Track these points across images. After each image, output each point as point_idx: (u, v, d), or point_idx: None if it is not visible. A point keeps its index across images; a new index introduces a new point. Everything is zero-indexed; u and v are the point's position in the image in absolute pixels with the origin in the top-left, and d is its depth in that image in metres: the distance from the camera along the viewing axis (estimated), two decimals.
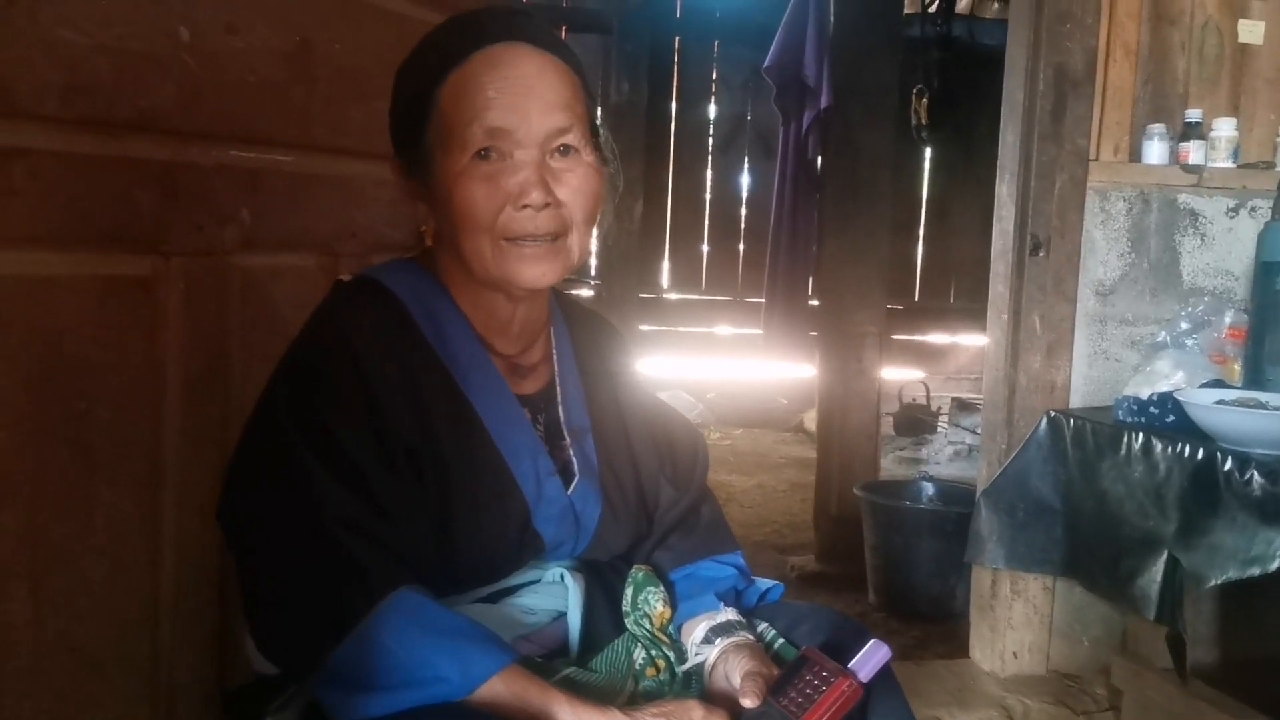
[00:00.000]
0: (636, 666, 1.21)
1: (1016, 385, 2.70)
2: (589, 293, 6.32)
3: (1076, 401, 2.70)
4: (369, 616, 1.03)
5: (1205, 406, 2.14)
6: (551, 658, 1.20)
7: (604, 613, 1.24)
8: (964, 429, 5.74)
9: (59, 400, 1.35)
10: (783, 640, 1.27)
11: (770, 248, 5.13)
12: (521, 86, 1.14)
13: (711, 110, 6.79)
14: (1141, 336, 2.71)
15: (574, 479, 1.25)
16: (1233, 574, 1.98)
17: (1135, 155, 2.70)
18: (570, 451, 1.26)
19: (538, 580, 1.24)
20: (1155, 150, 2.64)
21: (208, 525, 1.26)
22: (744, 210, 6.85)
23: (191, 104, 1.49)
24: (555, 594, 1.24)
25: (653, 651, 1.22)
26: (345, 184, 1.78)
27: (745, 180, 6.84)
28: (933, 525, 3.28)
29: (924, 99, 5.96)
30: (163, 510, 1.50)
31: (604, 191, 1.22)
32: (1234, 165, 2.67)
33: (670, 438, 1.39)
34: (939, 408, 6.05)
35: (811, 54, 4.49)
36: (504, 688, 1.04)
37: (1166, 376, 2.39)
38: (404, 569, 1.08)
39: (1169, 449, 2.17)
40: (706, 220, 6.85)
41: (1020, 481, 2.55)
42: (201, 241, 1.52)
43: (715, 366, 6.82)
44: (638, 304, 6.59)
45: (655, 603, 1.24)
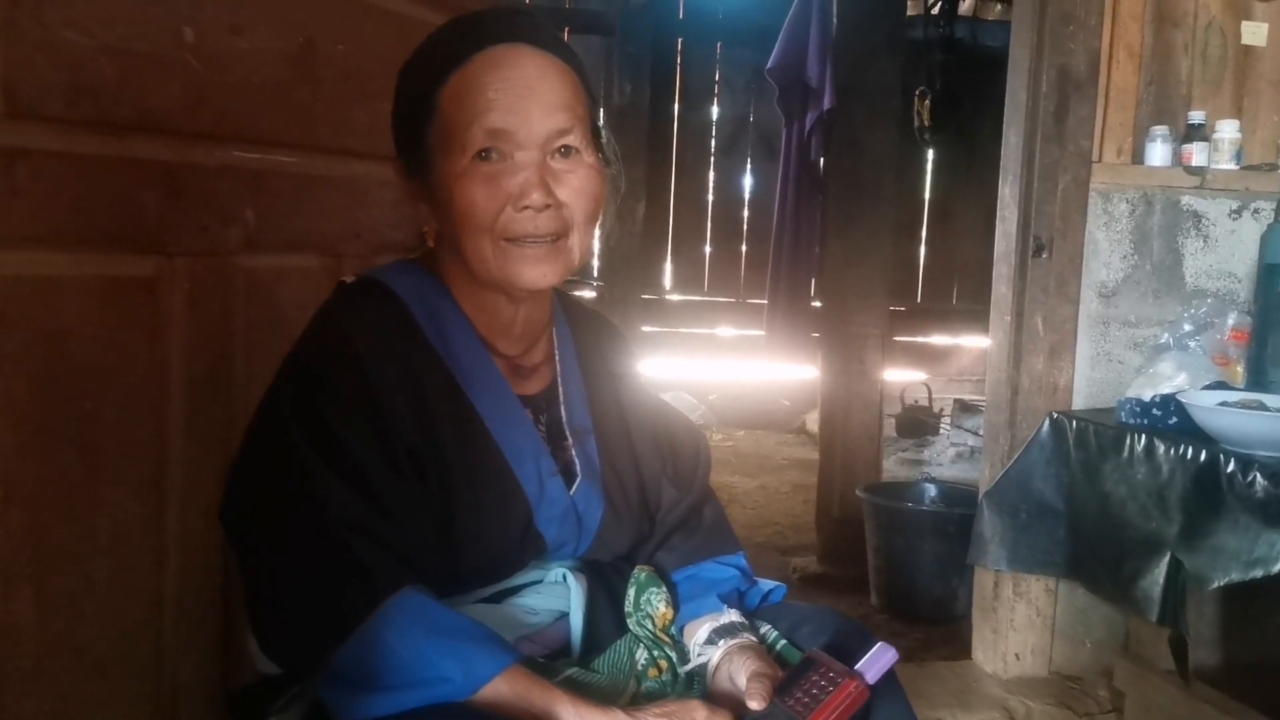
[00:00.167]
0: (639, 667, 1.21)
1: (1019, 387, 2.70)
2: (591, 294, 6.33)
3: (1079, 403, 2.70)
4: (372, 617, 1.03)
5: (1208, 408, 2.14)
6: (554, 658, 1.20)
7: (606, 613, 1.24)
8: (966, 430, 5.74)
9: (63, 401, 1.36)
10: (785, 642, 1.27)
11: (773, 249, 5.14)
12: (522, 87, 1.14)
13: (714, 111, 6.80)
14: (1144, 338, 2.71)
15: (576, 479, 1.25)
16: (1235, 576, 1.97)
17: (1138, 157, 2.69)
18: (572, 452, 1.26)
19: (540, 580, 1.24)
20: (1158, 152, 2.64)
21: (211, 525, 1.26)
22: (746, 211, 6.86)
23: (195, 105, 1.49)
24: (557, 594, 1.24)
25: (655, 652, 1.22)
26: (349, 185, 1.78)
27: (748, 181, 6.85)
28: (935, 527, 3.28)
29: (927, 100, 5.96)
30: (166, 510, 1.50)
31: (605, 192, 1.22)
32: (1237, 167, 2.67)
33: (672, 438, 1.40)
34: (941, 409, 6.05)
35: (814, 55, 4.49)
36: (507, 688, 1.04)
37: (1169, 378, 2.39)
38: (407, 569, 1.08)
39: (1172, 451, 2.16)
40: (709, 221, 6.85)
41: (1023, 483, 2.55)
42: (205, 242, 1.53)
43: (717, 368, 6.82)
44: (640, 305, 6.59)
45: (658, 603, 1.24)
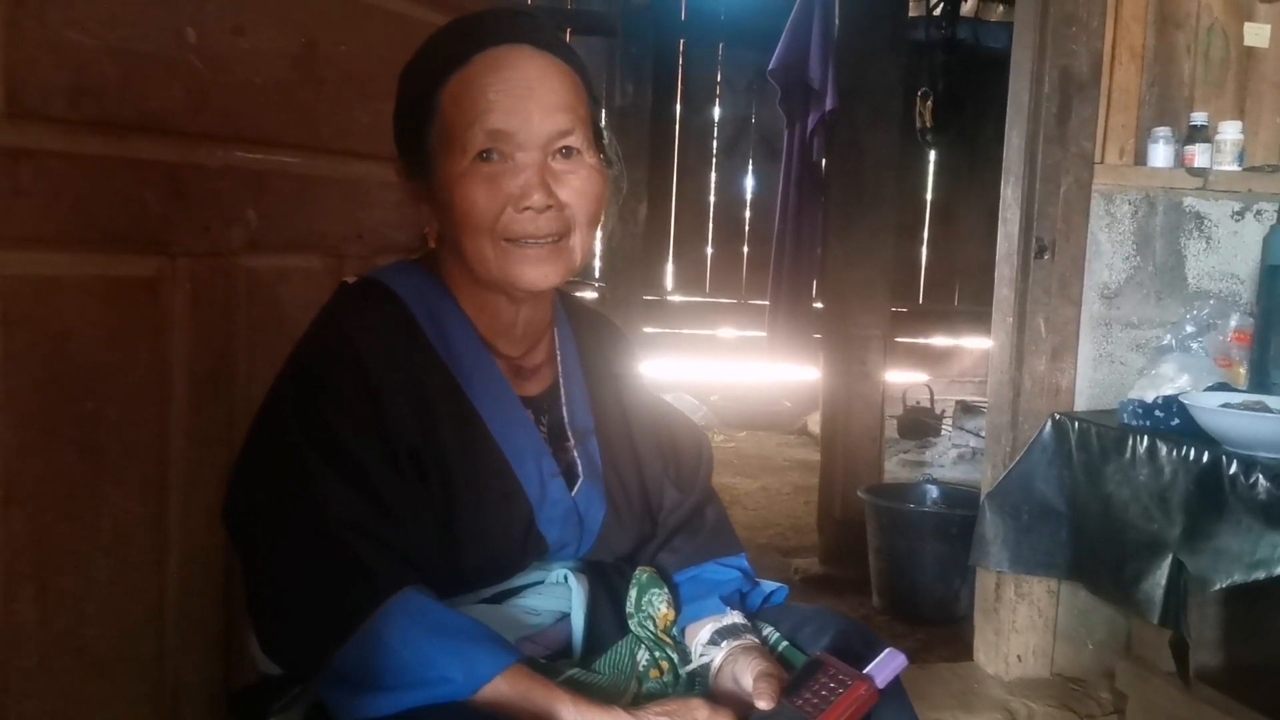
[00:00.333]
0: (640, 668, 1.21)
1: (1021, 388, 2.69)
2: (593, 294, 6.33)
3: (1081, 404, 2.70)
4: (373, 616, 1.03)
5: (1210, 410, 2.14)
6: (555, 659, 1.20)
7: (608, 614, 1.24)
8: (968, 432, 5.74)
9: (65, 401, 1.36)
10: (787, 643, 1.27)
11: (774, 250, 5.13)
12: (523, 89, 1.14)
13: (716, 112, 6.80)
14: (1146, 340, 2.71)
15: (578, 480, 1.25)
16: (1237, 578, 1.97)
17: (1140, 158, 2.69)
18: (574, 453, 1.26)
19: (541, 581, 1.24)
20: (1160, 153, 2.64)
21: (213, 526, 1.26)
22: (748, 212, 6.86)
23: (198, 105, 1.50)
24: (559, 595, 1.24)
25: (656, 653, 1.22)
26: (351, 185, 1.79)
27: (749, 182, 6.85)
28: (937, 528, 3.27)
29: (929, 101, 5.96)
30: (169, 511, 1.51)
31: (607, 193, 1.21)
32: (1239, 168, 2.66)
33: (674, 439, 1.39)
34: (943, 410, 6.05)
35: (816, 56, 4.49)
36: (508, 687, 1.04)
37: (1171, 380, 2.39)
38: (408, 569, 1.09)
39: (1174, 452, 2.16)
40: (711, 222, 6.85)
41: (1025, 485, 2.54)
42: (208, 242, 1.53)
43: (719, 369, 6.82)
44: (642, 306, 6.59)
45: (659, 604, 1.24)
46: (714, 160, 6.82)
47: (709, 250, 6.86)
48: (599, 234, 1.24)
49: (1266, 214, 2.72)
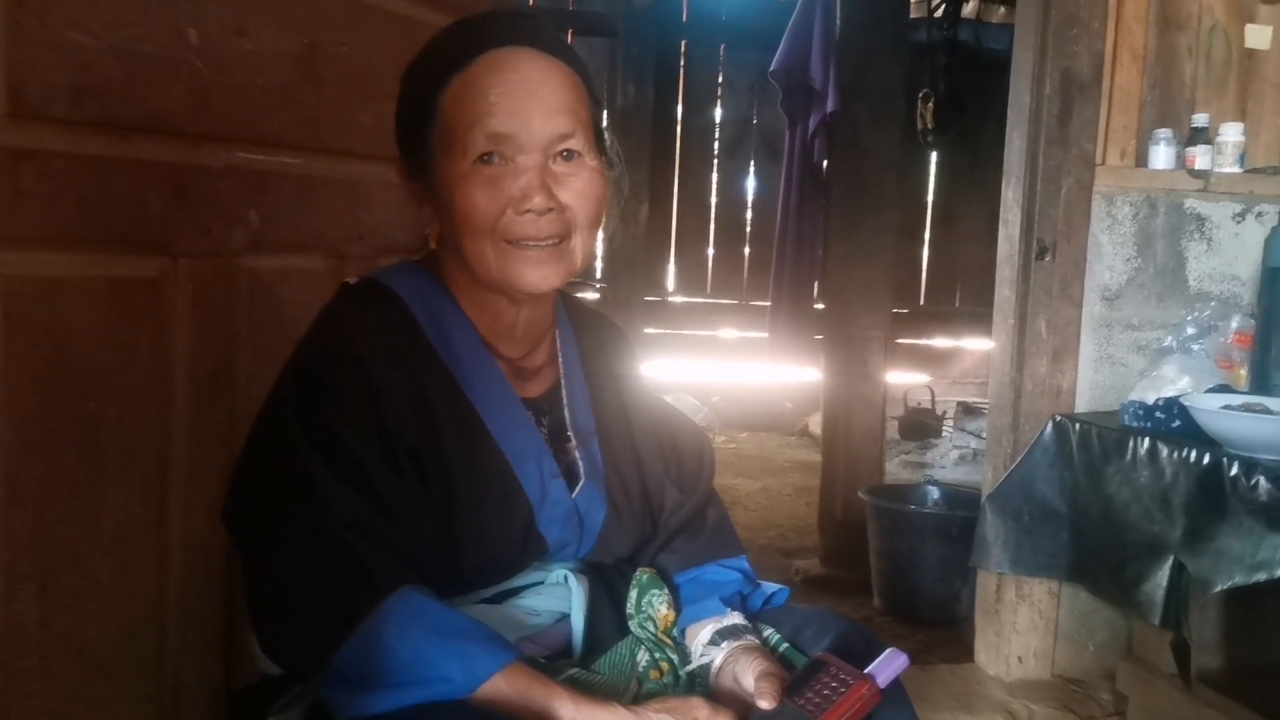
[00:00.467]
0: (640, 669, 1.21)
1: (1022, 389, 2.70)
2: (594, 295, 6.33)
3: (1082, 406, 2.70)
4: (372, 615, 1.04)
5: (1211, 411, 2.14)
6: (555, 659, 1.20)
7: (608, 615, 1.24)
8: (969, 433, 5.74)
9: (67, 401, 1.36)
10: (787, 644, 1.27)
11: (776, 251, 5.13)
12: (524, 91, 1.14)
13: (717, 114, 6.80)
14: (1148, 341, 2.71)
15: (579, 481, 1.25)
16: (1238, 579, 1.97)
17: (1142, 160, 2.69)
18: (575, 454, 1.26)
19: (541, 582, 1.24)
20: (1162, 155, 2.64)
21: (215, 526, 1.26)
22: (749, 214, 6.86)
23: (200, 106, 1.50)
24: (559, 595, 1.24)
25: (656, 654, 1.22)
26: (353, 186, 1.79)
27: (751, 184, 6.85)
28: (938, 529, 3.27)
29: (930, 103, 5.96)
30: (170, 511, 1.51)
31: (608, 195, 1.21)
32: (1241, 170, 2.66)
33: (676, 441, 1.39)
34: (944, 412, 6.05)
35: (817, 58, 4.49)
36: (507, 685, 1.04)
37: (1172, 381, 2.39)
38: (408, 569, 1.09)
39: (1175, 454, 2.16)
40: (712, 223, 6.85)
41: (1025, 486, 2.54)
42: (209, 243, 1.53)
43: (720, 370, 6.82)
44: (643, 307, 6.59)
45: (660, 605, 1.24)
46: (715, 161, 6.82)
47: (710, 251, 6.86)
48: (600, 235, 1.24)
49: (1268, 216, 2.72)
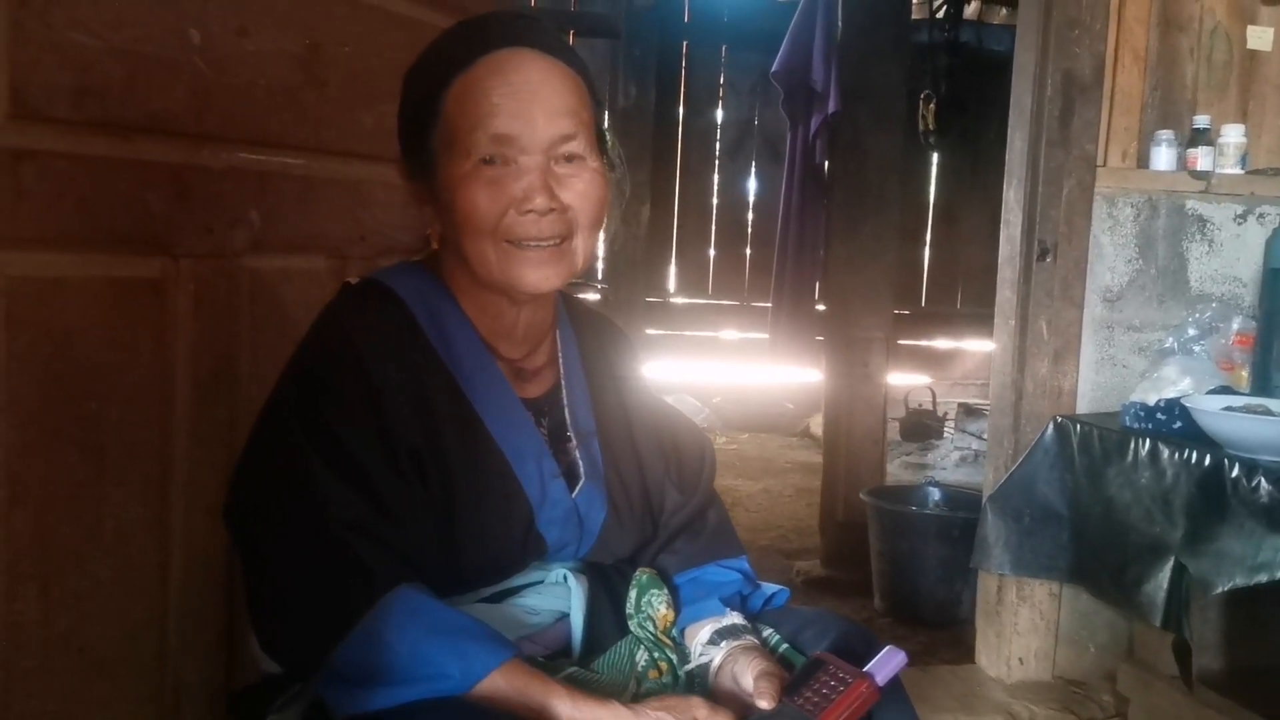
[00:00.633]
0: (639, 669, 1.21)
1: (1023, 391, 2.69)
2: (595, 296, 6.33)
3: (1083, 407, 2.70)
4: (371, 613, 1.04)
5: (1212, 413, 2.14)
6: (554, 658, 1.21)
7: (607, 615, 1.24)
8: (970, 434, 5.73)
9: (69, 401, 1.36)
10: (787, 645, 1.27)
11: (777, 252, 5.13)
12: (526, 93, 1.14)
13: (719, 115, 6.80)
14: (1149, 343, 2.71)
15: (579, 481, 1.25)
16: (1239, 581, 1.97)
17: (1143, 161, 2.69)
18: (576, 454, 1.26)
19: (541, 581, 1.24)
20: (1163, 156, 2.64)
21: (216, 527, 1.26)
22: (751, 215, 6.86)
23: (202, 107, 1.50)
24: (558, 595, 1.24)
25: (656, 654, 1.22)
26: (354, 187, 1.79)
27: (752, 185, 6.85)
28: (939, 531, 3.27)
29: (931, 104, 5.97)
30: (171, 511, 1.51)
31: (609, 196, 1.22)
32: (1242, 171, 2.66)
33: (676, 442, 1.39)
34: (945, 413, 6.05)
35: (819, 59, 4.49)
36: (504, 682, 1.04)
37: (1174, 383, 2.39)
38: (407, 568, 1.09)
39: (1176, 455, 2.16)
40: (713, 225, 6.86)
41: (1027, 487, 2.54)
42: (211, 244, 1.53)
43: (721, 371, 6.82)
44: (644, 308, 6.59)
45: (659, 605, 1.24)
46: (717, 162, 6.82)
47: (712, 252, 6.86)
48: (601, 237, 1.24)
49: (1269, 217, 2.72)
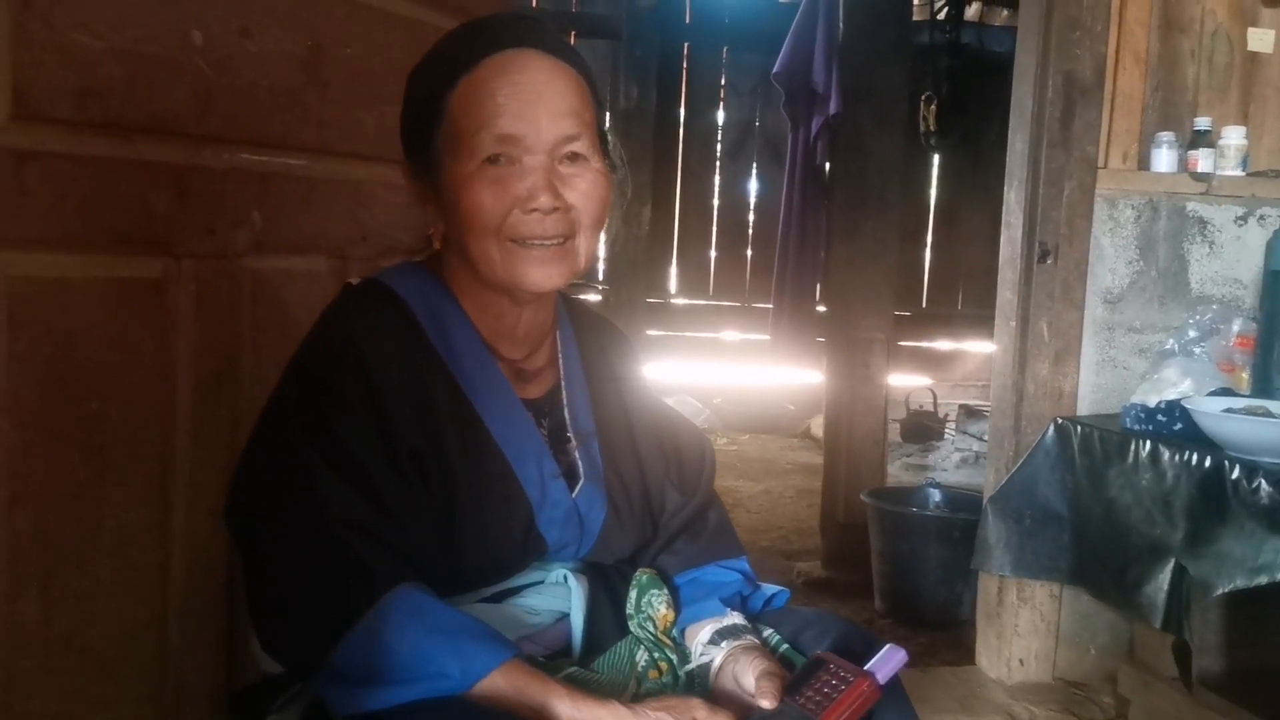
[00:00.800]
0: (639, 669, 1.21)
1: (1024, 392, 2.70)
2: (596, 297, 6.33)
3: (1084, 409, 2.70)
4: (371, 612, 1.04)
5: (1213, 415, 2.14)
6: (554, 658, 1.21)
7: (607, 615, 1.24)
8: (971, 436, 5.73)
9: (70, 401, 1.36)
10: (788, 646, 1.27)
11: (778, 253, 5.12)
12: (531, 93, 1.15)
13: (720, 116, 6.80)
14: (1149, 344, 2.71)
15: (579, 482, 1.25)
16: (1240, 582, 1.97)
17: (1144, 163, 2.70)
18: (575, 455, 1.26)
19: (541, 581, 1.24)
20: (1164, 158, 2.64)
21: (217, 527, 1.26)
22: (752, 216, 6.86)
23: (204, 107, 1.50)
24: (558, 595, 1.24)
25: (656, 654, 1.22)
26: (356, 188, 1.79)
27: (753, 186, 6.85)
28: (940, 532, 3.27)
29: (933, 105, 5.96)
30: (172, 512, 1.51)
31: (612, 197, 1.22)
32: (1243, 173, 2.67)
33: (677, 442, 1.40)
34: (946, 414, 6.05)
35: (820, 60, 4.48)
36: (504, 682, 1.04)
37: (1174, 384, 2.39)
38: (407, 567, 1.09)
39: (1176, 457, 2.16)
40: (714, 226, 6.86)
41: (1027, 489, 2.55)
42: (213, 244, 1.53)
43: (722, 372, 6.81)
44: (645, 309, 6.59)
45: (659, 605, 1.24)
46: (718, 163, 6.82)
47: (713, 253, 6.86)
48: (602, 237, 1.24)
49: (1270, 219, 2.72)
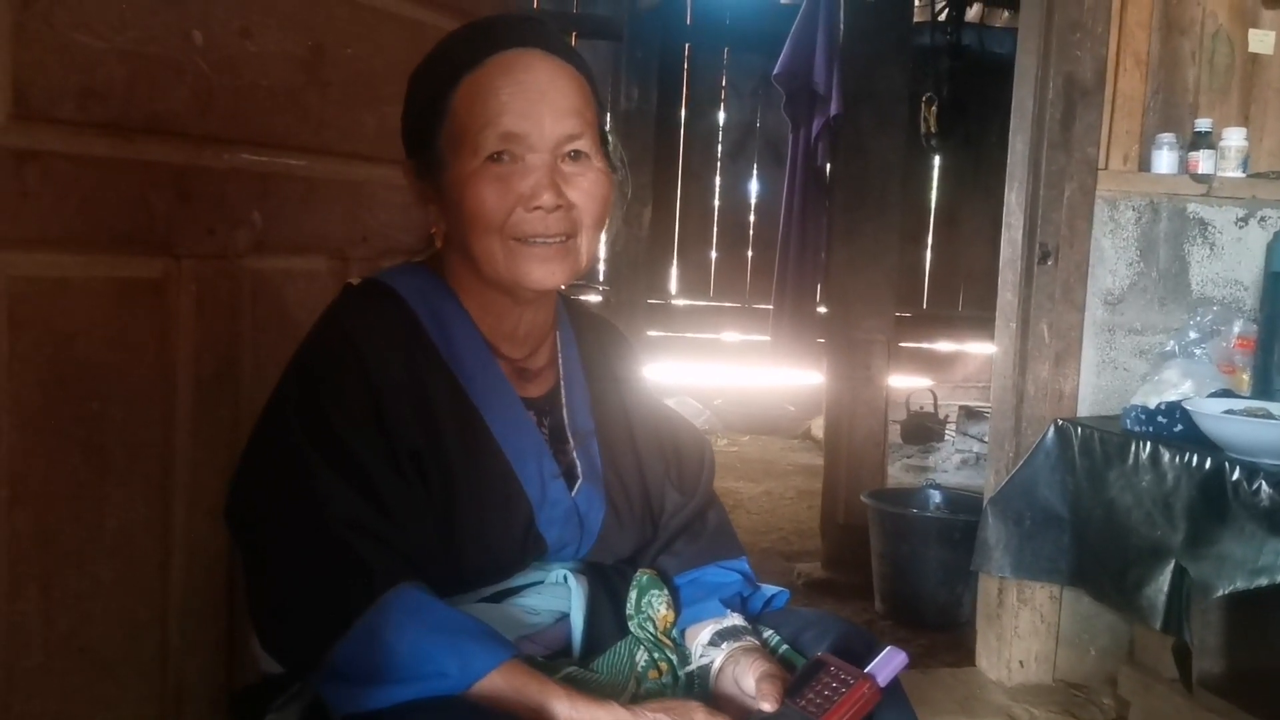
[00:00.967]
0: (639, 669, 1.21)
1: (1024, 394, 2.70)
2: (597, 298, 6.33)
3: (1084, 410, 2.70)
4: (370, 611, 1.04)
5: (1213, 416, 2.14)
6: (554, 658, 1.21)
7: (607, 615, 1.25)
8: (971, 437, 5.73)
9: (71, 401, 1.36)
10: (787, 646, 1.27)
11: (779, 254, 5.12)
12: (535, 92, 1.15)
13: (721, 117, 6.80)
14: (1150, 345, 2.71)
15: (578, 481, 1.25)
16: (1240, 584, 1.97)
17: (1145, 164, 2.70)
18: (574, 454, 1.26)
19: (541, 581, 1.24)
20: (1165, 159, 2.64)
21: (217, 527, 1.27)
22: (753, 217, 6.86)
23: (205, 108, 1.50)
24: (558, 595, 1.24)
25: (655, 654, 1.22)
26: (356, 188, 1.79)
27: (754, 187, 6.85)
28: (940, 533, 3.27)
29: (933, 107, 5.96)
30: (173, 512, 1.51)
31: (613, 196, 1.22)
32: (1243, 175, 2.67)
33: (676, 443, 1.40)
34: (946, 416, 6.04)
35: (821, 61, 4.48)
36: (503, 682, 1.04)
37: (1175, 386, 2.39)
38: (407, 567, 1.09)
39: (1177, 458, 2.16)
40: (715, 227, 6.85)
41: (1027, 490, 2.54)
42: (213, 244, 1.53)
43: (723, 373, 6.81)
44: (646, 310, 6.59)
45: (659, 606, 1.24)
46: (719, 164, 6.82)
47: (713, 254, 6.86)
48: (603, 238, 1.25)
49: (1271, 220, 2.72)
